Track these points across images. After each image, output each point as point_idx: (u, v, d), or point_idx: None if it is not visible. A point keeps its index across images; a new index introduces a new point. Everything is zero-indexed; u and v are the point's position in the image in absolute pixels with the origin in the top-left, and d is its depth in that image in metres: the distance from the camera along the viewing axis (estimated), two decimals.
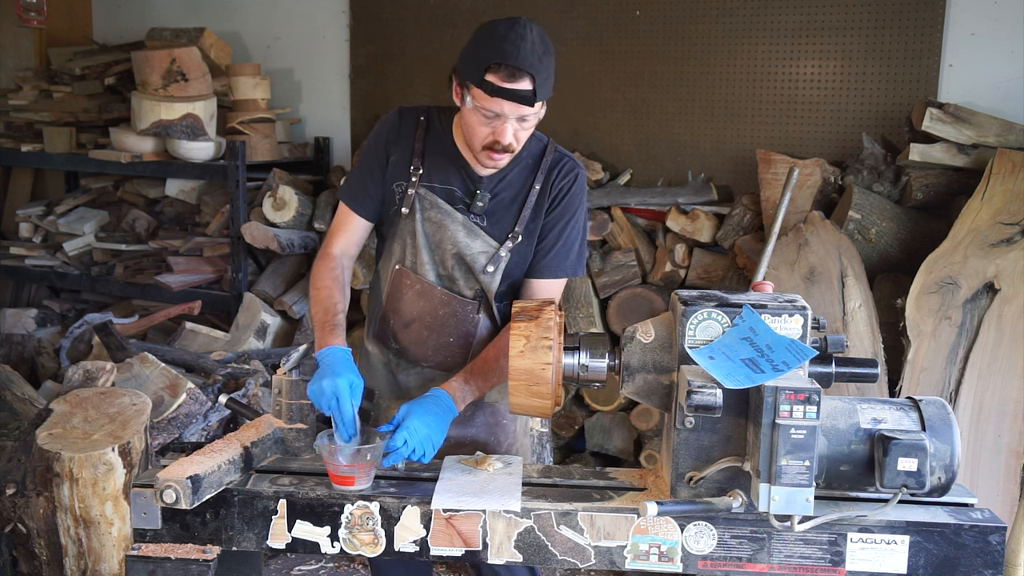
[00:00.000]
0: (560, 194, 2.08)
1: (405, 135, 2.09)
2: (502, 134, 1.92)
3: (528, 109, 1.89)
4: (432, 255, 2.09)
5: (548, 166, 2.09)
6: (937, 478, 1.52)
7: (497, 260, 2.06)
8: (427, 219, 2.06)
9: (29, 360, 3.83)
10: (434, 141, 2.09)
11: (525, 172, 2.08)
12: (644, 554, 1.60)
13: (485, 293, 2.10)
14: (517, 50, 1.84)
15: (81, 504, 2.49)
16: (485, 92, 1.87)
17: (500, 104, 1.87)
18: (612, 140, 3.95)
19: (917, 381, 2.83)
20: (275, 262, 4.27)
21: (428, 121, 2.10)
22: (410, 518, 1.63)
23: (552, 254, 2.09)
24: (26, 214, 4.81)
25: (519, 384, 1.74)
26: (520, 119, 1.92)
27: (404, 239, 2.09)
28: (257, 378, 3.33)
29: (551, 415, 1.80)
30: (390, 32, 4.30)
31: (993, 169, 3.05)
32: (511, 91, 1.86)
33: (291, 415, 1.82)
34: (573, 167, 2.10)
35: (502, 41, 1.85)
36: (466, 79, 1.91)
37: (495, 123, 1.91)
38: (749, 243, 3.42)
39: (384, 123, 2.13)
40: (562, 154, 2.11)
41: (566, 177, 2.09)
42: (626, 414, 3.62)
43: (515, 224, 2.07)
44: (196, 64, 4.14)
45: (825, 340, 1.61)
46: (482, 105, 1.89)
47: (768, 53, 3.63)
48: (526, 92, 1.86)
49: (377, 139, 2.12)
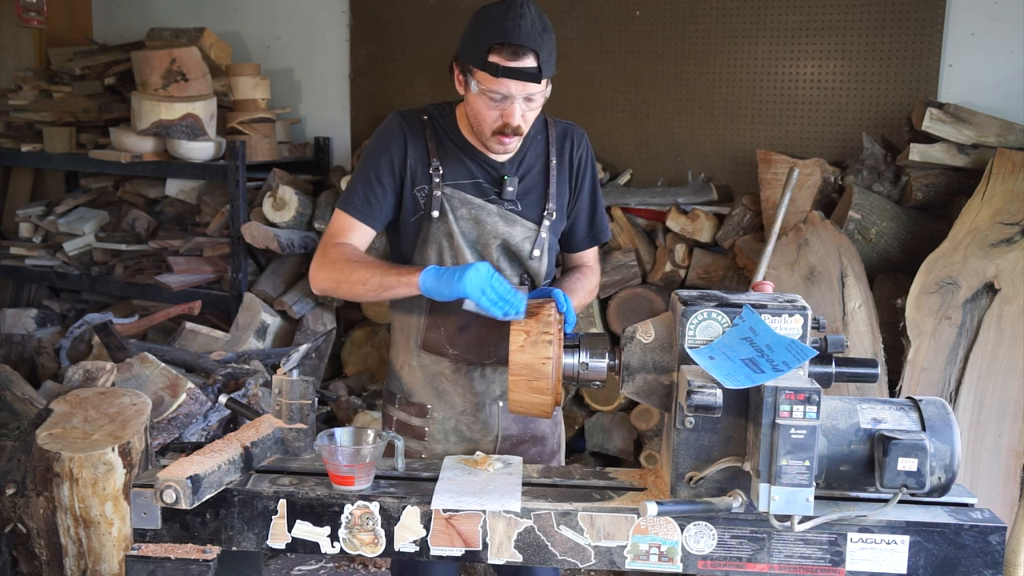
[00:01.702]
0: (580, 163, 2.13)
1: (415, 138, 2.03)
2: (511, 116, 1.91)
3: (535, 87, 1.89)
4: (474, 252, 2.04)
5: (557, 138, 2.11)
6: (937, 478, 1.52)
7: (540, 243, 2.06)
8: (460, 217, 2.02)
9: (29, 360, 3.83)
10: (444, 138, 2.05)
11: (538, 149, 2.10)
12: (644, 554, 1.60)
13: (532, 278, 2.10)
14: (518, 28, 1.84)
15: (81, 504, 2.49)
16: (490, 74, 1.86)
17: (506, 84, 1.87)
18: (612, 140, 3.95)
19: (917, 381, 2.83)
20: (275, 262, 4.27)
21: (432, 119, 2.06)
22: (410, 518, 1.63)
23: (592, 222, 2.18)
24: (26, 214, 4.81)
25: (519, 379, 1.75)
26: (527, 99, 1.91)
27: (439, 242, 2.03)
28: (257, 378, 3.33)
29: (551, 414, 1.81)
30: (390, 32, 4.30)
31: (993, 169, 3.05)
32: (516, 70, 1.86)
33: (291, 415, 1.82)
34: (578, 132, 2.15)
35: (502, 21, 1.85)
36: (469, 64, 1.90)
37: (503, 105, 1.91)
38: (749, 243, 3.42)
39: (387, 130, 2.05)
40: (562, 123, 2.14)
41: (579, 144, 2.13)
42: (626, 414, 3.62)
43: (546, 202, 2.07)
44: (196, 64, 4.14)
45: (825, 340, 1.61)
46: (488, 88, 1.88)
47: (768, 53, 3.63)
48: (532, 69, 1.87)
49: (382, 146, 2.04)
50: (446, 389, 2.11)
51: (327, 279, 1.99)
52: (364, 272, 1.93)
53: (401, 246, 2.10)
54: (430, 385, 2.12)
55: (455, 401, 2.11)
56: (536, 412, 1.79)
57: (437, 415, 2.12)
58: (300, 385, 1.82)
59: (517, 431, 2.15)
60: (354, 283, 1.94)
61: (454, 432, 2.12)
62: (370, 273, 1.92)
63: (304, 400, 1.82)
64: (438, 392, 2.12)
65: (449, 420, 2.12)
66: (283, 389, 1.82)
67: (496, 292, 1.79)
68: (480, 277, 1.79)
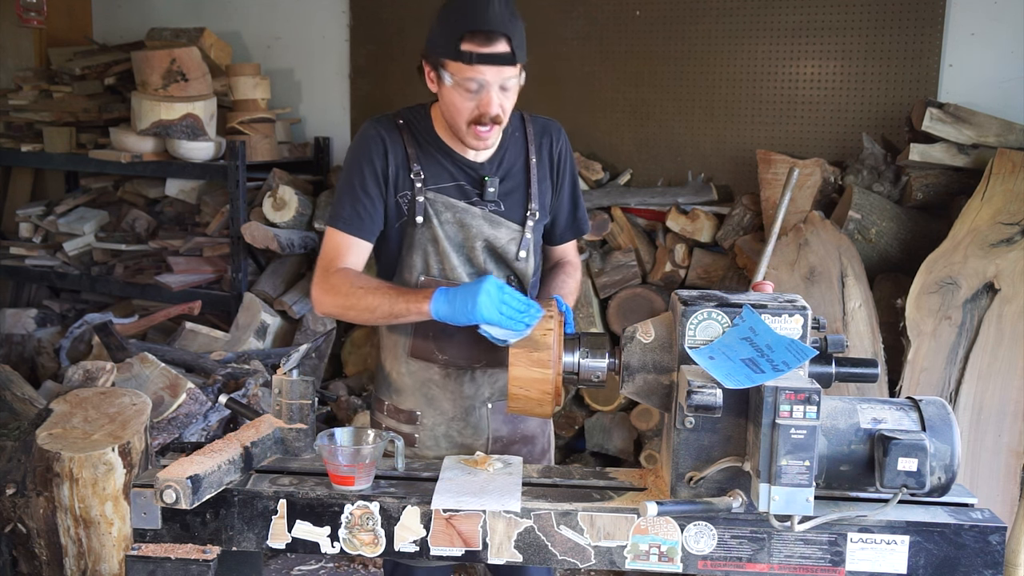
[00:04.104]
0: (560, 158, 2.13)
1: (393, 144, 2.02)
2: (488, 104, 1.89)
3: (510, 71, 1.88)
4: (460, 256, 2.03)
5: (535, 135, 2.11)
6: (937, 478, 1.52)
7: (526, 244, 2.05)
8: (445, 221, 2.00)
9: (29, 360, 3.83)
10: (422, 141, 2.03)
11: (517, 147, 2.09)
12: (644, 554, 1.60)
13: (519, 279, 2.09)
14: (486, 13, 1.84)
15: (81, 504, 2.49)
16: (464, 62, 1.86)
17: (481, 71, 1.86)
18: (612, 140, 3.95)
19: (917, 381, 2.83)
20: (275, 262, 4.27)
21: (408, 123, 2.05)
22: (410, 518, 1.63)
23: (574, 216, 2.19)
24: (26, 214, 4.81)
25: (520, 352, 1.75)
26: (502, 88, 1.90)
27: (424, 248, 2.02)
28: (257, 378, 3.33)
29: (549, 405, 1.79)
30: (390, 32, 4.30)
31: (993, 169, 3.05)
32: (490, 55, 1.85)
33: (291, 415, 1.82)
34: (555, 127, 2.15)
35: (471, 9, 1.85)
36: (440, 57, 1.89)
37: (479, 95, 1.89)
38: (749, 243, 3.42)
39: (365, 139, 2.03)
40: (540, 119, 2.14)
41: (558, 140, 2.13)
42: (626, 414, 3.62)
43: (529, 202, 2.07)
44: (196, 64, 4.14)
45: (825, 340, 1.61)
46: (463, 77, 1.87)
47: (768, 53, 3.63)
48: (505, 54, 1.86)
49: (362, 156, 2.02)
50: (436, 395, 2.10)
51: (333, 305, 1.96)
52: (372, 299, 1.90)
53: (386, 252, 2.08)
54: (419, 391, 2.10)
55: (445, 407, 2.10)
56: (535, 395, 1.76)
57: (427, 421, 2.11)
58: (300, 385, 1.82)
59: (507, 432, 2.14)
60: (362, 310, 1.92)
61: (444, 438, 2.11)
62: (378, 301, 1.90)
63: (304, 400, 1.82)
64: (428, 398, 2.10)
65: (439, 426, 2.11)
66: (283, 389, 1.82)
67: (511, 307, 1.78)
68: (492, 298, 1.77)
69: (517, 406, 1.80)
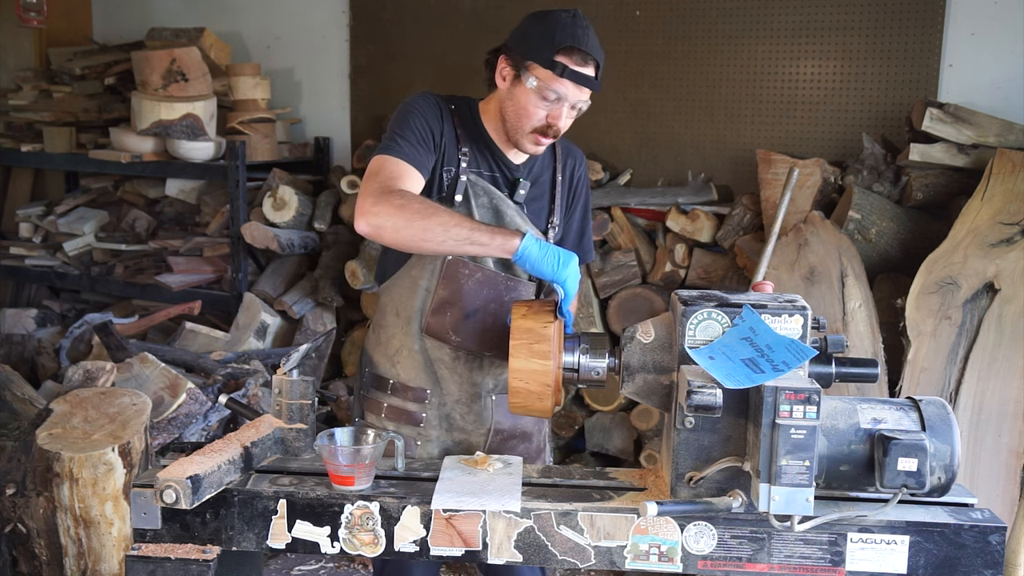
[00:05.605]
0: (578, 183, 2.17)
1: (447, 118, 2.04)
2: (558, 117, 1.96)
3: (586, 95, 1.96)
4: None
5: (562, 154, 2.16)
6: (937, 478, 1.52)
7: None
8: (481, 205, 2.04)
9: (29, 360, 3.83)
10: (468, 128, 2.07)
11: (545, 160, 2.14)
12: (644, 554, 1.60)
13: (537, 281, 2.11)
14: (587, 37, 1.93)
15: (81, 504, 2.49)
16: (555, 73, 1.91)
17: (566, 85, 1.92)
18: (612, 140, 3.95)
19: (917, 381, 2.83)
20: (275, 262, 4.27)
21: (457, 109, 2.08)
22: (410, 518, 1.63)
23: (580, 242, 2.21)
24: (26, 214, 4.81)
25: (520, 344, 1.75)
26: (572, 107, 1.97)
27: None
28: (257, 378, 3.33)
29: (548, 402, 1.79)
30: (390, 32, 4.30)
31: (993, 169, 3.05)
32: (580, 74, 1.92)
33: (291, 415, 1.82)
34: (578, 152, 2.21)
35: (572, 27, 1.92)
36: (530, 60, 1.93)
37: (553, 106, 1.95)
38: (749, 243, 3.42)
39: (426, 102, 2.02)
40: (564, 140, 2.18)
41: (579, 165, 2.19)
42: (626, 414, 3.62)
43: (551, 216, 2.11)
44: (196, 64, 4.14)
45: (825, 340, 1.61)
46: (548, 85, 1.92)
47: (768, 53, 3.63)
48: (592, 78, 1.94)
49: (423, 111, 1.99)
50: (443, 376, 2.11)
51: (391, 216, 1.79)
52: (447, 217, 1.80)
53: None
54: (429, 370, 2.12)
55: (451, 389, 2.12)
56: (536, 388, 1.76)
57: (434, 400, 2.13)
58: (300, 385, 1.82)
59: (508, 426, 2.16)
60: (432, 227, 1.78)
61: (447, 419, 2.13)
62: (456, 220, 1.80)
63: (304, 400, 1.82)
64: (435, 378, 2.12)
65: (444, 407, 2.13)
66: (283, 389, 1.83)
67: None
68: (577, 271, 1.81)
69: (518, 401, 1.80)
